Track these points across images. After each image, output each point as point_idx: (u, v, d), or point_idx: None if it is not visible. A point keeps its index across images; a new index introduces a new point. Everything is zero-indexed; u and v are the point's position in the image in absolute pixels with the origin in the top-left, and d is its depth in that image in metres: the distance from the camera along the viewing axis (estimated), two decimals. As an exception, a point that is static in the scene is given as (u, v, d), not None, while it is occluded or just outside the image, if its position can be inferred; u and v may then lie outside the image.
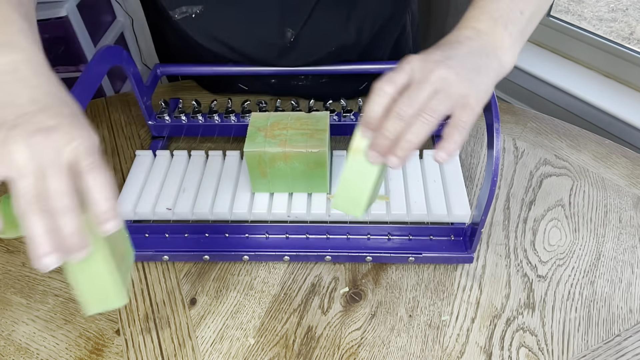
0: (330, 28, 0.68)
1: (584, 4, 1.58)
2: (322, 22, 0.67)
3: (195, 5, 0.67)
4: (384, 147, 0.40)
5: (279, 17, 0.66)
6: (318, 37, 0.69)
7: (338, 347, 0.55)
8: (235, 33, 0.68)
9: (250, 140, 0.60)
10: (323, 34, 0.68)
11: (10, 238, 0.68)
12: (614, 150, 0.76)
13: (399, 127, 0.39)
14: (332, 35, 0.69)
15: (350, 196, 0.44)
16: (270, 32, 0.67)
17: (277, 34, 0.67)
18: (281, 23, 0.66)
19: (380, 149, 0.40)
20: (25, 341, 0.57)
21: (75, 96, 0.55)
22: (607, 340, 0.55)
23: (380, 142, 0.39)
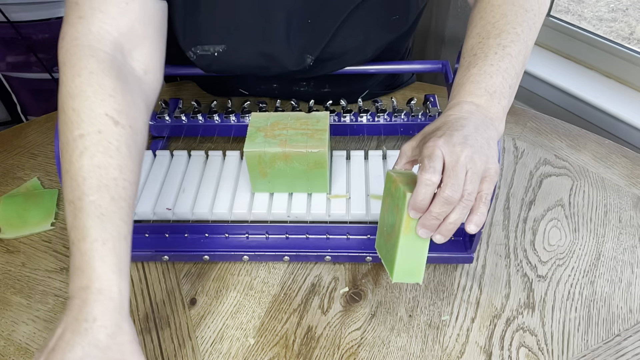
0: (349, 48, 0.68)
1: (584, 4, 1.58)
2: (341, 44, 0.67)
3: (217, 45, 0.64)
4: (434, 226, 0.45)
5: (301, 47, 0.65)
6: (337, 57, 0.69)
7: (338, 347, 0.55)
8: (257, 64, 0.67)
9: (250, 140, 0.60)
10: (342, 54, 0.68)
11: (10, 238, 0.68)
12: (614, 150, 0.76)
13: (446, 210, 0.44)
14: (350, 53, 0.69)
15: (409, 268, 0.49)
16: (291, 61, 0.66)
17: (296, 62, 0.67)
18: (302, 50, 0.66)
19: (430, 228, 0.45)
20: (25, 341, 0.57)
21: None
22: (607, 340, 0.55)
23: (430, 222, 0.44)
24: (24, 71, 1.48)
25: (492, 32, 0.51)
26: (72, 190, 0.45)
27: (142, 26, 0.52)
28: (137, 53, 0.53)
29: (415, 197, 0.43)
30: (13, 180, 0.75)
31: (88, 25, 0.49)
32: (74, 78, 0.47)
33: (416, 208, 0.44)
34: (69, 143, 0.46)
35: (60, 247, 0.66)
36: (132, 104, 0.49)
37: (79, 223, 0.43)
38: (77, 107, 0.46)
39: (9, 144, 0.82)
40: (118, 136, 0.46)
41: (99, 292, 0.42)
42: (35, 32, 1.37)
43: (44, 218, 0.69)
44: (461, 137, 0.44)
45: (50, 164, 0.78)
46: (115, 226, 0.44)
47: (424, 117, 0.75)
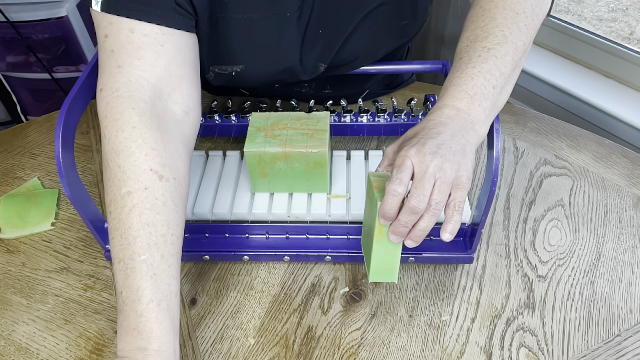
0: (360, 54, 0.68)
1: (584, 4, 1.58)
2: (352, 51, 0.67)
3: (235, 65, 0.63)
4: (403, 233, 0.47)
5: (314, 58, 0.65)
6: (348, 62, 0.69)
7: (338, 347, 0.55)
8: (273, 78, 0.67)
9: (251, 140, 0.60)
10: (353, 59, 0.69)
11: (10, 238, 0.68)
12: (614, 150, 0.76)
13: (413, 219, 0.45)
14: (361, 59, 0.69)
15: (384, 268, 0.51)
16: (305, 72, 0.66)
17: (310, 72, 0.67)
18: (315, 60, 0.66)
19: (400, 234, 0.47)
20: (25, 341, 0.57)
21: (75, 96, 0.55)
22: (607, 340, 0.55)
23: (399, 230, 0.46)
24: (24, 71, 1.48)
25: (479, 35, 0.51)
26: (123, 249, 0.46)
27: (179, 67, 0.52)
28: (177, 95, 0.52)
29: (383, 207, 0.45)
30: (13, 180, 0.75)
31: (127, 74, 0.49)
32: (118, 133, 0.48)
33: (385, 217, 0.46)
34: (116, 200, 0.47)
35: (60, 247, 0.66)
36: (174, 153, 0.50)
37: (133, 283, 0.45)
38: (122, 163, 0.47)
39: (9, 144, 0.82)
40: (164, 191, 0.48)
41: (157, 353, 0.44)
42: (35, 32, 1.37)
43: (44, 218, 0.69)
44: (434, 146, 0.45)
45: (50, 164, 0.78)
46: (167, 285, 0.46)
47: (424, 117, 0.75)
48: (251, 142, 0.60)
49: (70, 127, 0.54)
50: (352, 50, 0.66)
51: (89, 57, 1.46)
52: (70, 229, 0.68)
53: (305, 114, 0.64)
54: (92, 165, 0.77)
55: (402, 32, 0.68)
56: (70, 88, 0.56)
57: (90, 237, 0.67)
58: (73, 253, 0.65)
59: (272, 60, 0.64)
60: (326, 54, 0.65)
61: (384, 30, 0.66)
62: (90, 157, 0.78)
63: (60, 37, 1.40)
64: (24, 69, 1.47)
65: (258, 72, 0.64)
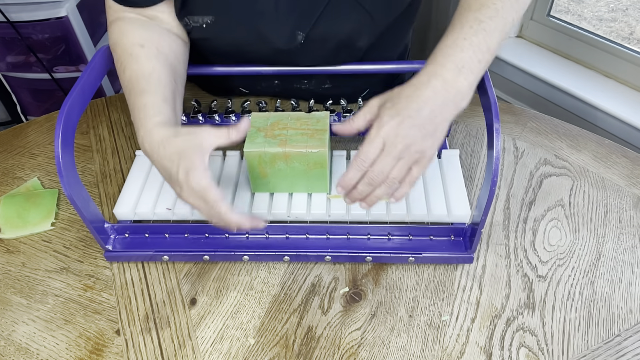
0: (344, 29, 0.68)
1: (584, 4, 1.58)
2: (334, 23, 0.67)
3: (206, 16, 0.65)
4: (356, 199, 0.52)
5: (291, 24, 0.66)
6: (330, 37, 0.68)
7: (338, 347, 0.55)
8: (246, 40, 0.68)
9: (250, 140, 0.60)
10: (336, 34, 0.68)
11: (10, 238, 0.68)
12: (614, 150, 0.76)
13: (369, 189, 0.50)
14: (345, 34, 0.68)
15: None
16: (281, 37, 0.66)
17: (287, 39, 0.67)
18: (293, 27, 0.66)
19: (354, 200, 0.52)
20: (25, 341, 0.57)
21: (75, 96, 0.55)
22: (607, 340, 0.55)
23: (354, 196, 0.51)
24: (24, 71, 1.48)
25: (473, 5, 0.52)
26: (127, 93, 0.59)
27: None
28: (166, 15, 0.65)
29: (345, 177, 0.49)
30: (13, 180, 0.75)
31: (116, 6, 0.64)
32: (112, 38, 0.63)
33: (344, 186, 0.50)
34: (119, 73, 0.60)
35: (60, 247, 0.66)
36: (156, 36, 0.62)
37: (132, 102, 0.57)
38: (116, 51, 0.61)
39: (9, 144, 0.82)
40: (145, 53, 0.59)
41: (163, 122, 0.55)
42: (35, 32, 1.38)
43: (44, 218, 0.69)
44: (409, 127, 0.48)
45: (50, 164, 0.78)
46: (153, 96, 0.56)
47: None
48: (251, 142, 0.60)
49: (70, 127, 0.54)
50: (334, 22, 0.66)
51: (89, 57, 1.46)
52: (70, 229, 0.68)
53: (305, 114, 0.64)
54: (92, 165, 0.77)
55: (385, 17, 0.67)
56: (70, 88, 0.56)
57: (90, 237, 0.67)
58: (73, 253, 0.65)
59: (244, 16, 0.65)
60: (304, 21, 0.65)
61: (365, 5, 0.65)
62: (90, 157, 0.78)
63: (60, 37, 1.40)
64: (24, 69, 1.47)
65: (229, 27, 0.66)
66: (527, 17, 1.23)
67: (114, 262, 0.64)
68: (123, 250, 0.63)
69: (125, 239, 0.64)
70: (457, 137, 0.78)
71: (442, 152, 0.70)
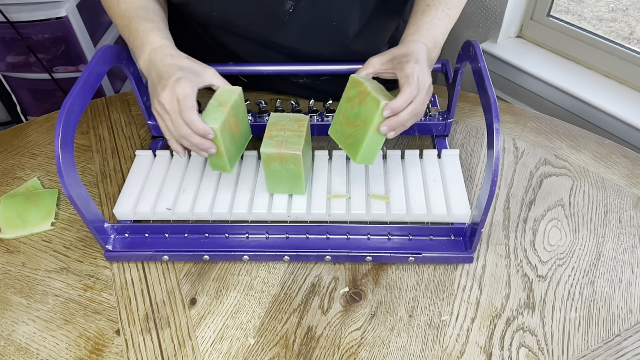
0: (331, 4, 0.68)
1: (584, 4, 1.58)
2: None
3: None
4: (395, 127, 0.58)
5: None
6: (317, 12, 0.69)
7: (338, 347, 0.55)
8: (234, 6, 0.68)
9: (208, 115, 0.58)
10: (323, 9, 0.69)
11: (10, 238, 0.68)
12: (614, 150, 0.76)
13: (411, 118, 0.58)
14: (333, 11, 0.69)
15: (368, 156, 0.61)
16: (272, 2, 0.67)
17: (277, 3, 0.67)
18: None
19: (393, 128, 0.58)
20: (25, 341, 0.57)
21: (75, 96, 0.55)
22: (607, 340, 0.55)
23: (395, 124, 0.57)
24: (24, 71, 1.48)
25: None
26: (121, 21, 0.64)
27: None
28: None
29: (396, 103, 0.56)
30: (13, 180, 0.75)
31: None
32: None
33: (394, 110, 0.56)
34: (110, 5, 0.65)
35: (60, 247, 0.66)
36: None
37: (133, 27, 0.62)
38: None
39: (9, 144, 0.82)
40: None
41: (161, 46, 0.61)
42: (35, 32, 1.37)
43: (44, 218, 0.69)
44: (426, 68, 0.59)
45: (50, 164, 0.78)
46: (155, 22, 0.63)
47: (424, 117, 0.75)
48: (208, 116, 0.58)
49: (70, 127, 0.54)
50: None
51: (88, 57, 1.46)
52: (70, 229, 0.68)
53: (285, 114, 0.64)
54: (92, 165, 0.77)
55: None
56: (70, 88, 0.56)
57: (90, 237, 0.67)
58: (73, 253, 0.65)
59: None
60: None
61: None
62: (90, 157, 0.78)
63: (60, 37, 1.40)
64: (24, 69, 1.47)
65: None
66: (527, 17, 1.23)
67: (114, 262, 0.64)
68: (123, 250, 0.63)
69: (125, 239, 0.64)
70: (457, 137, 0.78)
71: (442, 152, 0.70)
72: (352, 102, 0.60)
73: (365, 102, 0.59)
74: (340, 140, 0.63)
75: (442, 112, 0.75)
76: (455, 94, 0.70)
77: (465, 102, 0.85)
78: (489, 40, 1.26)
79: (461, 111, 0.83)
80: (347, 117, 0.61)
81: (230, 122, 0.61)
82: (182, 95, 0.56)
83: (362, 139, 0.59)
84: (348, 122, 0.61)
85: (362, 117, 0.59)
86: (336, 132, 0.63)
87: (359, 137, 0.60)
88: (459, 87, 0.70)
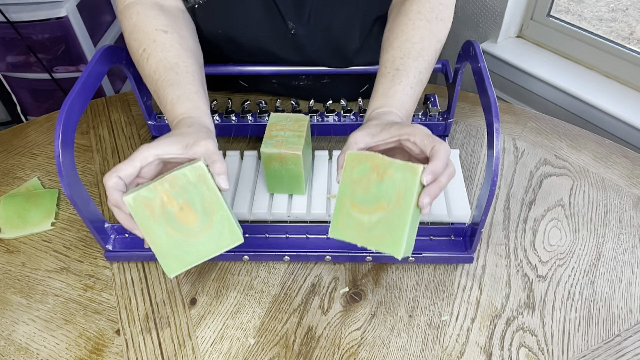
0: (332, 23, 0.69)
1: (584, 4, 1.58)
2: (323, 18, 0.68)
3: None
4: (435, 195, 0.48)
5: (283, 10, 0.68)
6: (319, 31, 0.70)
7: (338, 347, 0.55)
8: (239, 23, 0.69)
9: None
10: (324, 28, 0.69)
11: (10, 238, 0.68)
12: (614, 150, 0.76)
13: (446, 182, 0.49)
14: (333, 29, 0.70)
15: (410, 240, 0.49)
16: (273, 23, 0.67)
17: (279, 24, 0.68)
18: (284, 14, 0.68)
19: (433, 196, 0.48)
20: (25, 341, 0.57)
21: (75, 96, 0.55)
22: (607, 340, 0.55)
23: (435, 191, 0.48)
24: (24, 71, 1.48)
25: (411, 52, 0.58)
26: (151, 84, 0.59)
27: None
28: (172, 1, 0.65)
29: (436, 165, 0.47)
30: (13, 180, 0.75)
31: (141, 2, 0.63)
32: (128, 21, 0.61)
33: (435, 174, 0.47)
34: (138, 61, 0.60)
35: (60, 247, 0.66)
36: (175, 20, 0.62)
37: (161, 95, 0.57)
38: (135, 36, 0.60)
39: (9, 144, 0.82)
40: (169, 39, 0.59)
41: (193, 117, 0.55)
42: (35, 32, 1.37)
43: (44, 218, 0.69)
44: None
45: (50, 164, 0.78)
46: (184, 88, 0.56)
47: (424, 117, 0.75)
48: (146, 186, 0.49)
49: (70, 127, 0.54)
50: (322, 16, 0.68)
51: (89, 57, 1.46)
52: (70, 229, 0.68)
53: (288, 114, 0.65)
54: (92, 165, 0.77)
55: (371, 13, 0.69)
56: (70, 88, 0.56)
57: (90, 237, 0.67)
58: (73, 253, 0.65)
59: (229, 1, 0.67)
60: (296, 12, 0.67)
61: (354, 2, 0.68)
62: (90, 157, 0.78)
63: (60, 37, 1.40)
64: (24, 69, 1.47)
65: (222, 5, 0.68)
66: (527, 17, 1.23)
67: (114, 262, 0.64)
68: (123, 250, 0.63)
69: (125, 238, 0.64)
70: (457, 137, 0.78)
71: (442, 152, 0.70)
72: (362, 182, 0.49)
73: (388, 175, 0.48)
74: (358, 237, 0.50)
75: (442, 112, 0.75)
76: (455, 94, 0.70)
77: (465, 102, 0.85)
78: (489, 40, 1.26)
79: (461, 111, 0.83)
80: (361, 204, 0.49)
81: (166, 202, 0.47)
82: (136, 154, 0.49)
83: (402, 222, 0.47)
84: (364, 209, 0.49)
85: (388, 196, 0.48)
86: (346, 228, 0.50)
87: (393, 223, 0.47)
88: (459, 87, 0.70)
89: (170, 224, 0.48)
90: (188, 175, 0.47)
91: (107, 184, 0.48)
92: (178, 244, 0.48)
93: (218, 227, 0.48)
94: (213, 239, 0.49)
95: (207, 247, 0.49)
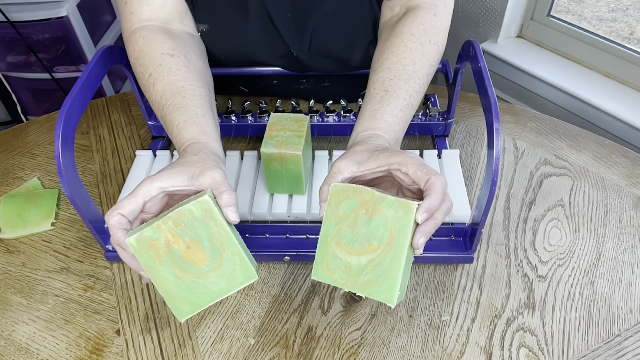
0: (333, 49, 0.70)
1: (584, 4, 1.58)
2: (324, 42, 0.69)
3: (201, 24, 0.67)
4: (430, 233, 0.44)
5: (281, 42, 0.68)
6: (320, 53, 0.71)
7: (338, 347, 0.55)
8: (241, 48, 0.70)
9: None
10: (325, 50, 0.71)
11: (10, 238, 0.68)
12: (614, 150, 0.76)
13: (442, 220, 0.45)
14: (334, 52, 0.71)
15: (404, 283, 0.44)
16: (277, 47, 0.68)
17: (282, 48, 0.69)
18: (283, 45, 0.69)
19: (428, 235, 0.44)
20: (25, 341, 0.57)
21: (75, 96, 0.55)
22: (607, 340, 0.55)
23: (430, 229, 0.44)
24: (24, 71, 1.48)
25: (402, 74, 0.55)
26: (158, 110, 0.57)
27: (184, 5, 0.64)
28: (181, 23, 0.65)
29: (431, 202, 0.43)
30: (13, 180, 0.75)
31: (139, 16, 0.61)
32: (134, 46, 0.60)
33: (431, 211, 0.43)
34: (145, 86, 0.58)
35: (60, 247, 0.66)
36: (183, 44, 0.61)
37: (168, 120, 0.55)
38: (141, 61, 0.59)
39: (9, 144, 0.82)
40: (176, 63, 0.58)
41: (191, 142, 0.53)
42: (35, 32, 1.38)
43: (44, 218, 0.69)
44: None
45: (50, 164, 0.78)
46: (191, 112, 0.54)
47: (424, 117, 0.75)
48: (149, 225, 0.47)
49: (70, 127, 0.54)
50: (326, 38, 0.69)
51: (89, 57, 1.46)
52: (70, 229, 0.68)
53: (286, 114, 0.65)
54: (92, 165, 0.77)
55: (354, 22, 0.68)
56: (70, 88, 0.56)
57: (90, 237, 0.67)
58: (73, 253, 0.65)
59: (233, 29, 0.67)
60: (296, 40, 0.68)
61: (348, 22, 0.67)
62: (90, 157, 0.78)
63: (60, 37, 1.40)
64: (24, 69, 1.48)
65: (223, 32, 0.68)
66: (528, 17, 1.23)
67: (114, 262, 0.64)
68: (123, 250, 0.63)
69: (125, 239, 0.64)
70: (457, 137, 0.78)
71: (442, 152, 0.70)
72: (349, 220, 0.45)
73: (378, 212, 0.43)
74: (345, 281, 0.45)
75: (442, 112, 0.75)
76: (455, 94, 0.70)
77: (465, 102, 0.85)
78: (489, 40, 1.26)
79: (461, 111, 0.83)
80: (348, 244, 0.45)
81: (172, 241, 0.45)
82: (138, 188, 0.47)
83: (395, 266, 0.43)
84: (352, 250, 0.45)
85: (379, 236, 0.43)
86: (331, 270, 0.45)
87: (386, 266, 0.43)
88: (459, 87, 0.70)
89: (177, 265, 0.45)
90: (193, 210, 0.44)
91: (109, 222, 0.45)
92: (187, 285, 0.45)
93: (229, 264, 0.45)
94: (224, 277, 0.46)
95: (218, 287, 0.46)
